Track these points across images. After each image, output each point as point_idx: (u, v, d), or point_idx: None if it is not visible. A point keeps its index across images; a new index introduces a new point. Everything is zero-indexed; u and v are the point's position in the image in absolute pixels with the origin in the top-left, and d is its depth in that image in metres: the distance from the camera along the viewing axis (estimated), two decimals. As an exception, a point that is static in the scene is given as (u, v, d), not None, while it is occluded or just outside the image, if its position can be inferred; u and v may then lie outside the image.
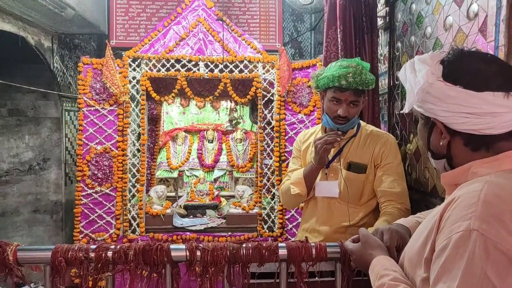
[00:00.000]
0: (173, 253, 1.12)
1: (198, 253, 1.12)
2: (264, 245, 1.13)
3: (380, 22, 2.30)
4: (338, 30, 2.03)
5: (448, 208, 0.73)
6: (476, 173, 0.76)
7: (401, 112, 1.49)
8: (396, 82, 2.15)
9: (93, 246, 1.13)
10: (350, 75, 1.47)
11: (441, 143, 0.81)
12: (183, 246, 1.13)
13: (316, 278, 1.17)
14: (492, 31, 1.26)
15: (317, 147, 1.51)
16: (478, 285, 0.63)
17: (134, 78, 2.76)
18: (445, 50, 0.84)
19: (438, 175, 1.65)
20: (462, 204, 0.70)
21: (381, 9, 2.32)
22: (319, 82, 1.58)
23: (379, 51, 2.24)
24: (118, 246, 1.13)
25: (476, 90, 0.74)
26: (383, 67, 2.36)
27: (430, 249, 0.73)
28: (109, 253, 1.12)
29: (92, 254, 1.11)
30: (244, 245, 1.13)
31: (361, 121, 1.70)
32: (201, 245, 1.13)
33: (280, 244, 1.14)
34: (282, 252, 1.13)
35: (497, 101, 0.73)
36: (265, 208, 2.80)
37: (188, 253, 1.11)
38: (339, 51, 2.02)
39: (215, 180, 3.60)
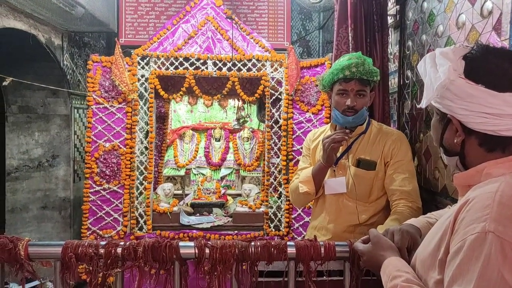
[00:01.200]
0: (182, 250, 1.12)
1: (207, 250, 1.11)
2: (273, 243, 1.13)
3: (390, 20, 2.28)
4: (349, 28, 2.01)
5: (463, 210, 0.71)
6: (490, 174, 0.75)
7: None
8: (406, 81, 2.13)
9: (103, 242, 1.13)
10: (353, 65, 1.51)
11: (455, 140, 0.79)
12: (192, 244, 1.13)
13: (325, 277, 1.16)
14: (507, 29, 1.23)
15: (324, 145, 1.51)
16: None
17: (142, 76, 2.77)
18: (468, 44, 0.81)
19: (449, 175, 1.63)
20: (477, 205, 0.69)
21: (391, 7, 2.29)
22: (325, 81, 1.60)
23: (389, 49, 2.21)
24: (128, 243, 1.13)
25: (498, 90, 0.71)
26: (392, 66, 2.33)
27: (445, 251, 0.72)
28: (119, 250, 1.12)
29: (102, 250, 1.12)
30: (252, 243, 1.13)
31: (371, 119, 1.69)
32: (210, 242, 1.13)
33: (289, 243, 1.14)
34: (291, 250, 1.12)
35: None
36: (271, 207, 2.80)
37: (197, 251, 1.11)
38: (350, 50, 2.00)
39: (222, 178, 3.60)
